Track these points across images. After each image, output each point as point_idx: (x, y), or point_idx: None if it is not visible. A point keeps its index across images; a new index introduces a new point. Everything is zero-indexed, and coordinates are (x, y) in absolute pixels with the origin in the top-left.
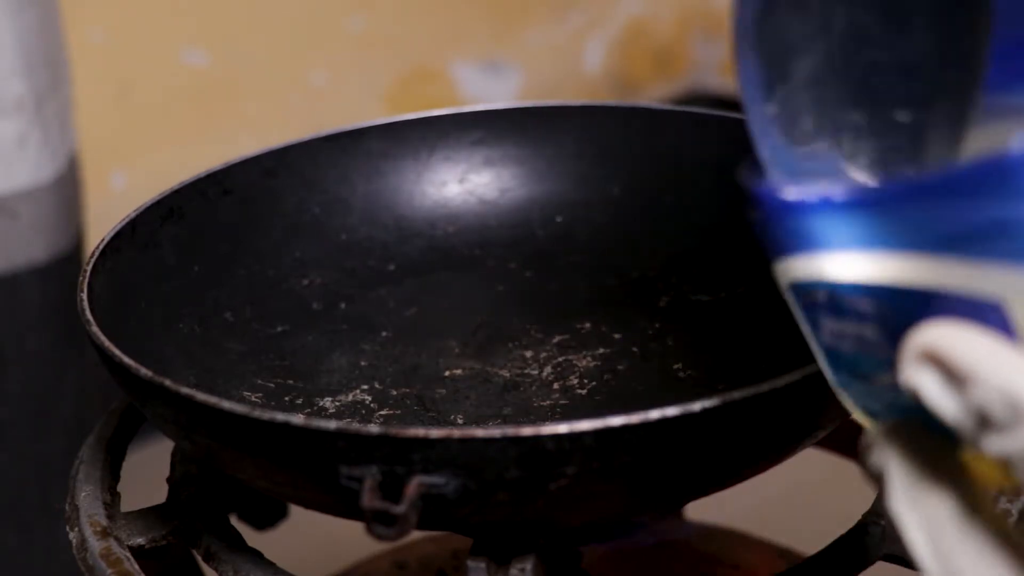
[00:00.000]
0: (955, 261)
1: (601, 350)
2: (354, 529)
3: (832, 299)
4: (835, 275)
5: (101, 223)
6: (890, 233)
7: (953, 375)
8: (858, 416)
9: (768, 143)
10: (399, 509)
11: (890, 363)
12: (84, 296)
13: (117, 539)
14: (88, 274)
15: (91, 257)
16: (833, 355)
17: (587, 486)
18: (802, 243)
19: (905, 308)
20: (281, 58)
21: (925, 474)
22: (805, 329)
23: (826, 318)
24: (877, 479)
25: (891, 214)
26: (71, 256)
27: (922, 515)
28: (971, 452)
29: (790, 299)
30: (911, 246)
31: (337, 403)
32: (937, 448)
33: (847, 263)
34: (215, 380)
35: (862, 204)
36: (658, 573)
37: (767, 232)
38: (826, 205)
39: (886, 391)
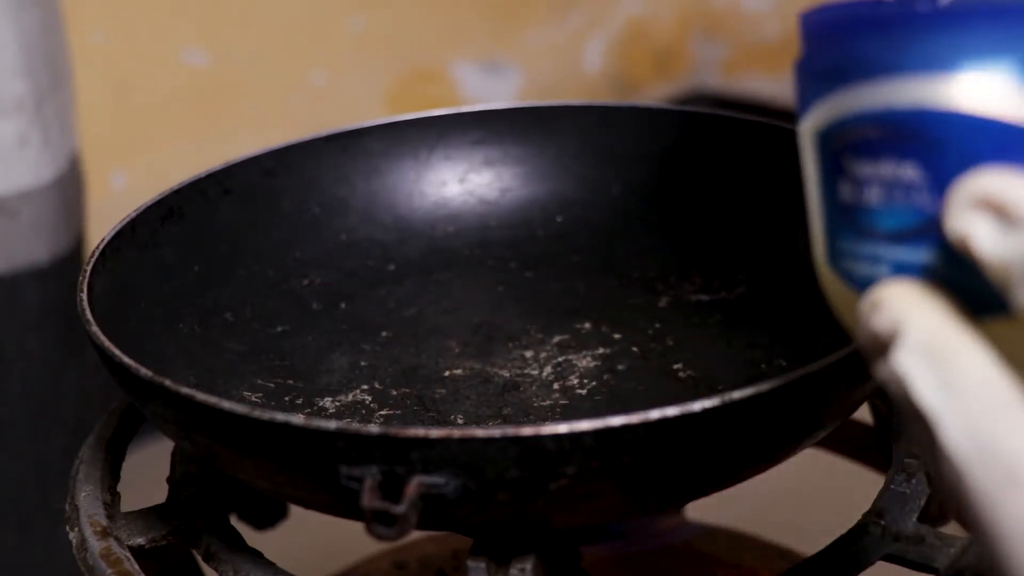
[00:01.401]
0: None
1: (601, 350)
2: (354, 529)
3: (876, 134)
4: (896, 100)
5: (101, 223)
6: (972, 50)
7: (1012, 220)
8: (841, 294)
9: None
10: (399, 509)
11: (920, 212)
12: (84, 296)
13: (117, 539)
14: (88, 274)
15: (91, 257)
16: (847, 213)
17: (587, 486)
18: (862, 68)
19: (963, 141)
20: (281, 58)
21: (948, 331)
22: (817, 191)
23: (857, 162)
24: (881, 341)
25: (978, 28)
26: (71, 256)
27: (943, 370)
28: (1000, 319)
29: (811, 155)
30: (994, 66)
31: (337, 403)
32: (959, 311)
33: (914, 86)
34: (215, 380)
35: (950, 17)
36: (658, 573)
37: (817, 66)
38: (907, 16)
39: (899, 248)
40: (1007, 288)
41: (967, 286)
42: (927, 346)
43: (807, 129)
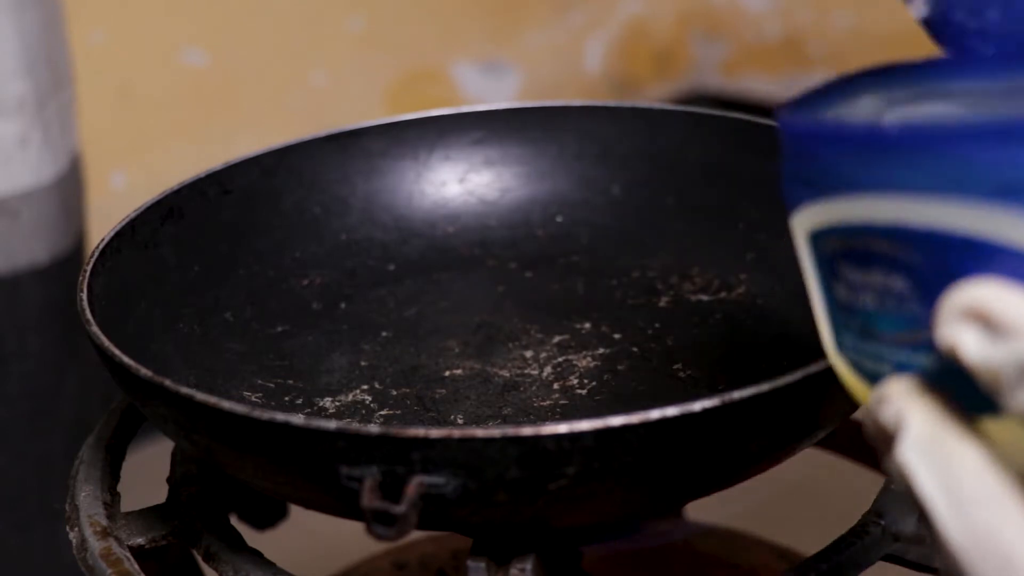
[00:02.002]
0: (1012, 212)
1: (601, 350)
2: (354, 529)
3: (861, 246)
4: (873, 218)
5: (101, 223)
6: (943, 175)
7: (997, 329)
8: (849, 381)
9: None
10: (399, 509)
11: (914, 319)
12: (84, 296)
13: (117, 539)
14: (88, 274)
15: (91, 257)
16: (846, 312)
17: (587, 486)
18: (841, 183)
19: (944, 258)
20: (281, 58)
21: (947, 427)
22: (816, 286)
23: (849, 269)
24: (886, 434)
25: (948, 154)
26: (71, 256)
27: (942, 465)
28: (994, 419)
29: (806, 253)
30: (965, 191)
31: (337, 403)
32: (957, 410)
33: (890, 204)
34: (215, 380)
35: (917, 141)
36: (658, 573)
37: (798, 172)
38: (877, 139)
39: (899, 350)
40: (997, 393)
41: (964, 387)
42: (926, 442)
43: (798, 227)
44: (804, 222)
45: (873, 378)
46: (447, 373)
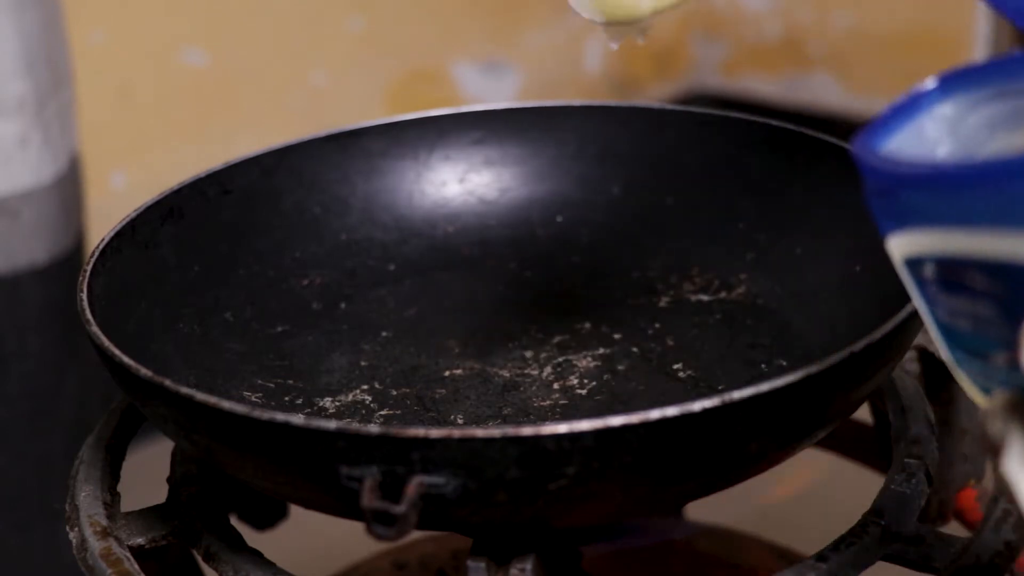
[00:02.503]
0: None
1: (601, 350)
2: (354, 529)
3: (947, 275)
4: (952, 250)
5: (101, 223)
6: (1013, 209)
7: None
8: (971, 392)
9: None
10: (399, 509)
11: (1006, 342)
12: (84, 296)
13: (117, 539)
14: (88, 274)
15: (91, 257)
16: (949, 332)
17: (587, 486)
18: (919, 217)
19: (1022, 286)
20: (281, 58)
21: None
22: (920, 305)
23: (941, 294)
24: (994, 446)
25: (1005, 189)
26: (71, 256)
27: None
28: None
29: (904, 274)
30: None
31: (337, 403)
32: None
33: (965, 238)
34: (215, 380)
35: (985, 178)
36: (658, 573)
37: (880, 205)
38: (946, 178)
39: (1001, 370)
40: None
41: None
42: None
43: (893, 251)
44: (896, 248)
45: (987, 392)
46: (447, 373)
